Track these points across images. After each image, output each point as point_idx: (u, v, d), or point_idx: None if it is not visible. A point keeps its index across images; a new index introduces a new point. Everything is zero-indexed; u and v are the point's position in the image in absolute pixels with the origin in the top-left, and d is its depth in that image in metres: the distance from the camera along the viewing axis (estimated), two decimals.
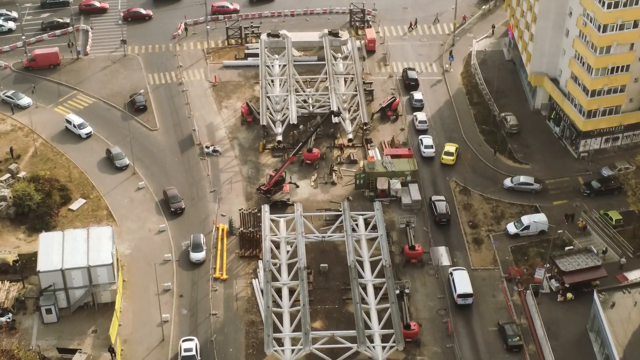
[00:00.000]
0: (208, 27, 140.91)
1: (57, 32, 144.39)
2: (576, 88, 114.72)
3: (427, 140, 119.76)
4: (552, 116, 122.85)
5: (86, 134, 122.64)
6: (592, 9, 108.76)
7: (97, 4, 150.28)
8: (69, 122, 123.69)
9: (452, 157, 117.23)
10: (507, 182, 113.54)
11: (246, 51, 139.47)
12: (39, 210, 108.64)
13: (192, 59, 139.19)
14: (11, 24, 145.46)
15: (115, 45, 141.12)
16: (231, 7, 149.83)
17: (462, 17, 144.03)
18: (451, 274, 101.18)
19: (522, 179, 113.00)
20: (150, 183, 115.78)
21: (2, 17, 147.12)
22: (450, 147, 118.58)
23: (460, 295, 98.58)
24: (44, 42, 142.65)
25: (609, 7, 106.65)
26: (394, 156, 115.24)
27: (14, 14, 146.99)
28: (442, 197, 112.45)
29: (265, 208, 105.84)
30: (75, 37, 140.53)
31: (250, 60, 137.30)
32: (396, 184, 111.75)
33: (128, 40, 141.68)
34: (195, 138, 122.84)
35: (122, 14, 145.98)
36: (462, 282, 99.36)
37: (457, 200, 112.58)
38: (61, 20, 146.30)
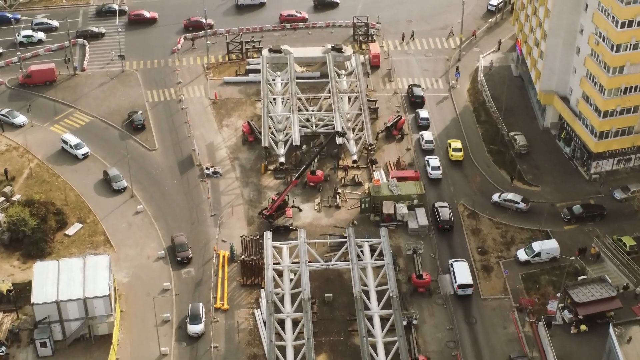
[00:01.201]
0: (208, 42, 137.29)
1: (54, 46, 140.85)
2: (588, 108, 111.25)
3: (434, 161, 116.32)
4: (562, 136, 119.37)
5: (83, 155, 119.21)
6: (605, 27, 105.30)
7: (147, 14, 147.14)
8: (65, 142, 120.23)
9: (461, 153, 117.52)
10: (495, 197, 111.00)
11: (247, 67, 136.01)
12: (34, 236, 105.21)
13: (192, 75, 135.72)
14: (41, 35, 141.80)
15: (111, 59, 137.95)
16: (299, 15, 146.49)
17: (472, 32, 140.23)
18: (451, 265, 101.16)
19: (510, 196, 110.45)
20: (149, 206, 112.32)
21: (38, 26, 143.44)
22: (457, 143, 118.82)
23: (460, 286, 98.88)
24: (40, 57, 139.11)
25: (622, 26, 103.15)
26: (400, 179, 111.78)
27: (55, 23, 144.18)
28: (445, 204, 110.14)
29: (268, 235, 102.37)
30: (72, 52, 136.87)
31: (251, 77, 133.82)
32: (402, 208, 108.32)
33: (126, 54, 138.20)
34: (195, 158, 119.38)
35: (182, 24, 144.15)
36: (462, 273, 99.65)
37: (466, 224, 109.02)
38: (96, 30, 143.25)
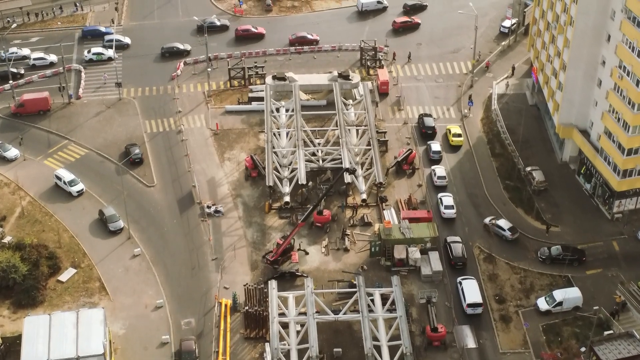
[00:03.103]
0: (209, 69, 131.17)
1: (48, 72, 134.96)
2: (610, 145, 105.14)
3: (447, 199, 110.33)
4: (582, 171, 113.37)
5: (77, 192, 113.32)
6: (630, 61, 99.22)
7: (254, 30, 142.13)
8: (59, 178, 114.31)
9: (461, 138, 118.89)
10: (487, 220, 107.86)
11: (250, 94, 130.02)
12: (25, 283, 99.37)
13: (192, 103, 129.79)
14: (110, 52, 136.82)
15: (103, 82, 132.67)
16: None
17: (486, 64, 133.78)
18: (460, 282, 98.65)
19: (500, 222, 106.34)
20: (147, 249, 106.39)
21: (110, 43, 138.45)
22: (456, 129, 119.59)
23: (469, 305, 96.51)
24: (34, 83, 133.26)
25: None
26: (412, 219, 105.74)
27: (127, 40, 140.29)
28: (458, 239, 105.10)
29: (273, 284, 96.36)
30: (66, 79, 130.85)
31: (254, 105, 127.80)
32: (415, 253, 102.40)
33: (124, 81, 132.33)
34: (195, 196, 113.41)
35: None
36: (472, 291, 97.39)
37: (482, 269, 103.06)
38: (181, 47, 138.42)
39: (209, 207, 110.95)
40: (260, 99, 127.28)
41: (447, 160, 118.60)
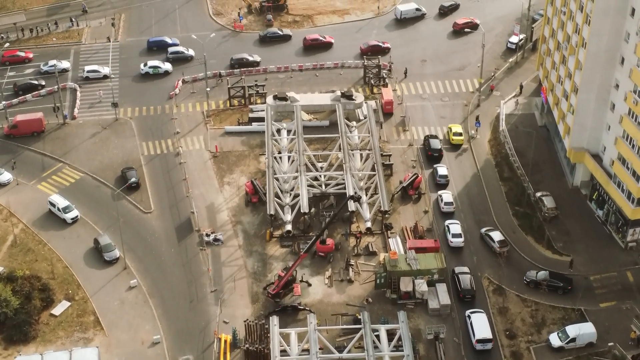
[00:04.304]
0: (208, 89, 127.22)
1: (42, 91, 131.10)
2: (624, 171, 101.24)
3: (455, 227, 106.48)
4: (594, 197, 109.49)
5: (72, 219, 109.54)
6: None
7: (323, 39, 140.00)
8: (52, 204, 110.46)
9: (461, 137, 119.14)
10: (483, 230, 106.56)
11: (250, 114, 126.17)
12: (16, 317, 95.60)
13: (191, 123, 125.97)
14: (168, 66, 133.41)
15: (98, 100, 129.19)
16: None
17: (490, 87, 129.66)
18: (469, 316, 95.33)
19: (493, 234, 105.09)
20: (144, 279, 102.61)
21: (173, 55, 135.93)
22: (457, 128, 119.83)
23: (479, 341, 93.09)
24: (27, 103, 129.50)
25: None
26: (418, 249, 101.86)
27: (190, 52, 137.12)
28: (466, 269, 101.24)
29: (274, 320, 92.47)
30: (61, 99, 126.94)
31: (254, 126, 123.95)
32: (422, 285, 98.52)
33: (120, 100, 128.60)
34: (194, 222, 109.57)
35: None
36: (481, 326, 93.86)
37: (491, 302, 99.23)
38: (250, 58, 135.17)
39: (208, 235, 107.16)
40: (261, 120, 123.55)
41: (454, 184, 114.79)
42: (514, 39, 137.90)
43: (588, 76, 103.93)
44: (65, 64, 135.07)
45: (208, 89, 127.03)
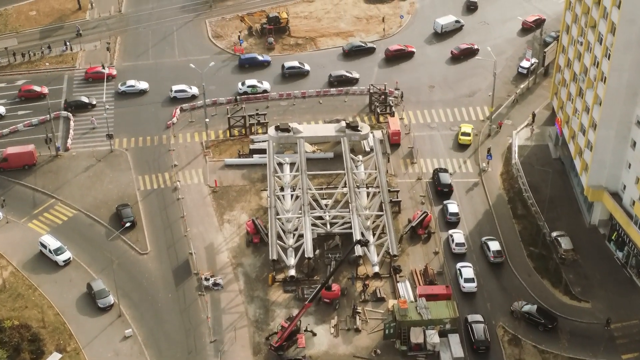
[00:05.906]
0: (207, 119, 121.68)
1: (34, 120, 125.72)
2: None
3: (467, 271, 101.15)
4: (613, 237, 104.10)
5: (64, 261, 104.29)
6: None
7: (405, 49, 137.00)
8: (44, 245, 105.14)
9: (469, 137, 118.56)
10: (484, 238, 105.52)
11: (251, 146, 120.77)
12: None
13: (189, 155, 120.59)
14: (266, 85, 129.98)
15: (92, 127, 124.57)
16: (350, 75, 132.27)
17: (498, 124, 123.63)
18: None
19: (491, 243, 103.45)
20: (139, 328, 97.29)
21: (290, 71, 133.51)
22: (467, 128, 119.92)
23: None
24: (19, 132, 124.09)
25: None
26: (429, 297, 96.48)
27: (307, 67, 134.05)
28: (480, 318, 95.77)
29: None
30: (53, 130, 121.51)
31: (255, 159, 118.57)
32: (433, 337, 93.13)
33: (115, 130, 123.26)
34: (192, 265, 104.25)
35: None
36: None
37: (507, 354, 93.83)
38: (350, 74, 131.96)
39: (207, 279, 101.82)
40: (263, 151, 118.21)
41: (465, 222, 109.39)
42: (526, 63, 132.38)
43: (608, 112, 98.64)
44: (143, 85, 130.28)
45: (207, 119, 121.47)
